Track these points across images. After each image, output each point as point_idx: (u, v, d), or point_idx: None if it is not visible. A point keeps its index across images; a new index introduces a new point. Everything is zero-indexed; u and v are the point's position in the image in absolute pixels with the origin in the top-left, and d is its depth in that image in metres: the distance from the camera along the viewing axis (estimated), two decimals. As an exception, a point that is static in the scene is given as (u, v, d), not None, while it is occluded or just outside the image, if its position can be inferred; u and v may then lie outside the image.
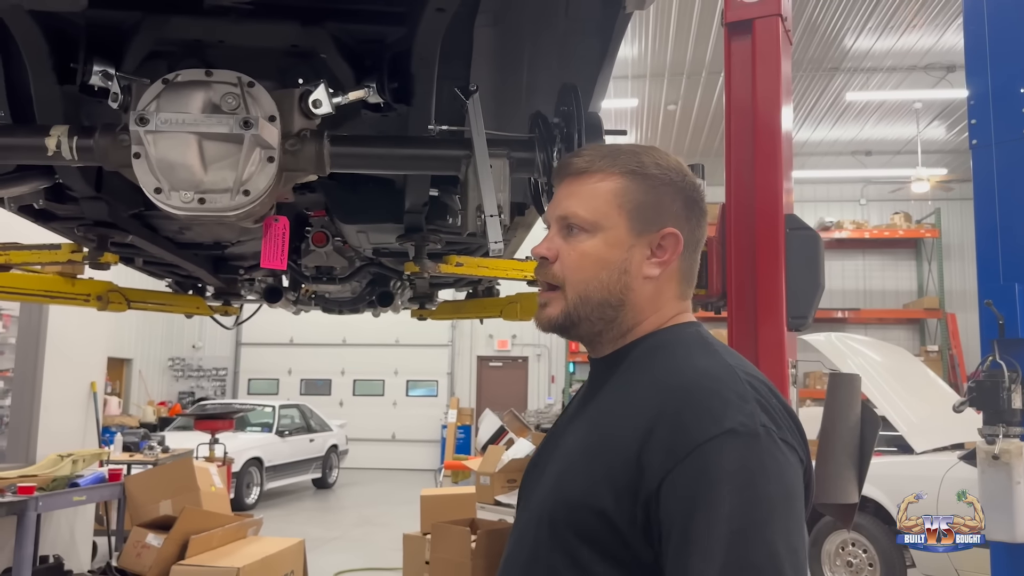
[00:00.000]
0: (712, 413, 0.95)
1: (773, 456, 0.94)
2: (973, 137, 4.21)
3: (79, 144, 1.66)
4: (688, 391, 0.99)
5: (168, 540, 5.00)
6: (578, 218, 1.12)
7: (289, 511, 11.15)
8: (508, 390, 16.38)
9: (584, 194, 1.12)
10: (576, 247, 1.11)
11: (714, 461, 0.92)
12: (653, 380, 1.04)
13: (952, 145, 13.99)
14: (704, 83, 11.56)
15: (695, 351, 1.08)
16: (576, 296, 1.11)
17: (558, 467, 1.08)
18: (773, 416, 0.97)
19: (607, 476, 0.98)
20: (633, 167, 1.12)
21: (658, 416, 0.97)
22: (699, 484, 0.92)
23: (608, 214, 1.11)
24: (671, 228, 1.11)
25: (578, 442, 1.07)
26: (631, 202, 1.11)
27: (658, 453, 0.95)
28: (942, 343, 15.25)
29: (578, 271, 1.11)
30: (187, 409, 14.90)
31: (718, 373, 1.01)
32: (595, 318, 1.12)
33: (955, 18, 9.50)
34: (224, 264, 3.36)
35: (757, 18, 2.82)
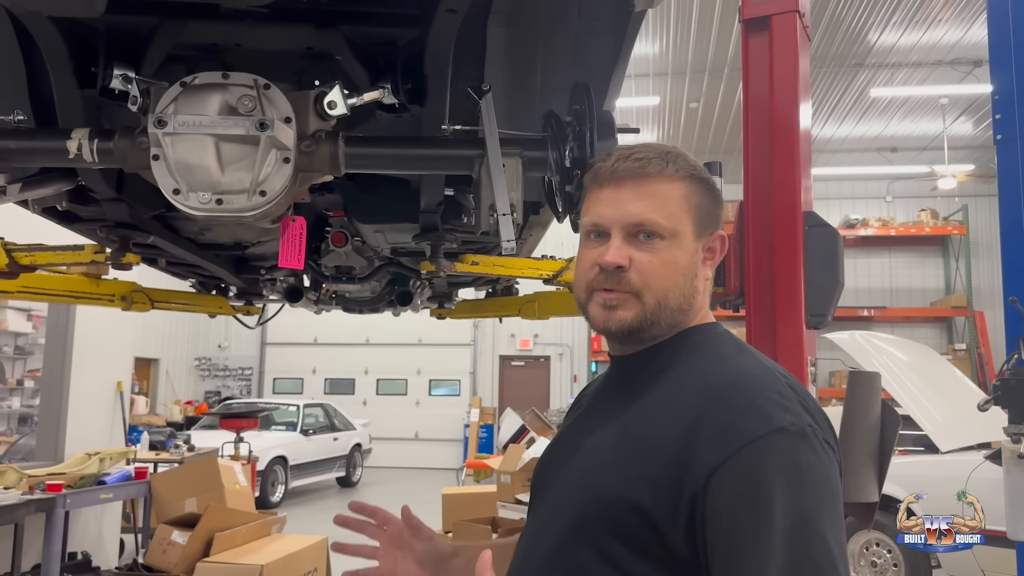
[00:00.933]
0: (761, 412, 0.96)
1: (818, 455, 0.95)
2: (998, 132, 4.15)
3: (99, 146, 1.69)
4: (734, 390, 0.99)
5: (193, 537, 5.07)
6: (656, 225, 1.09)
7: (313, 509, 11.23)
8: (530, 389, 16.38)
9: (656, 198, 1.10)
10: (657, 255, 1.09)
11: (765, 459, 0.92)
12: (692, 378, 1.05)
13: (980, 141, 13.80)
14: (726, 80, 11.50)
15: (731, 351, 1.08)
16: (655, 302, 1.09)
17: (585, 463, 1.08)
18: (814, 417, 0.98)
19: (645, 473, 0.98)
20: (690, 171, 1.13)
21: (702, 414, 0.98)
22: (750, 481, 0.92)
23: (681, 219, 1.10)
24: (721, 231, 1.15)
25: (609, 438, 1.07)
26: (694, 206, 1.12)
27: (705, 450, 0.95)
28: (970, 341, 15.05)
29: (662, 279, 1.09)
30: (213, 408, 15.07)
31: (760, 373, 1.02)
32: (666, 322, 1.11)
33: (981, 12, 9.36)
34: (245, 264, 3.40)
35: (774, 15, 2.81)
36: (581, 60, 2.14)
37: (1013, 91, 4.11)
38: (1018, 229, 4.07)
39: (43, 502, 4.91)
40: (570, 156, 1.75)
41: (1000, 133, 4.17)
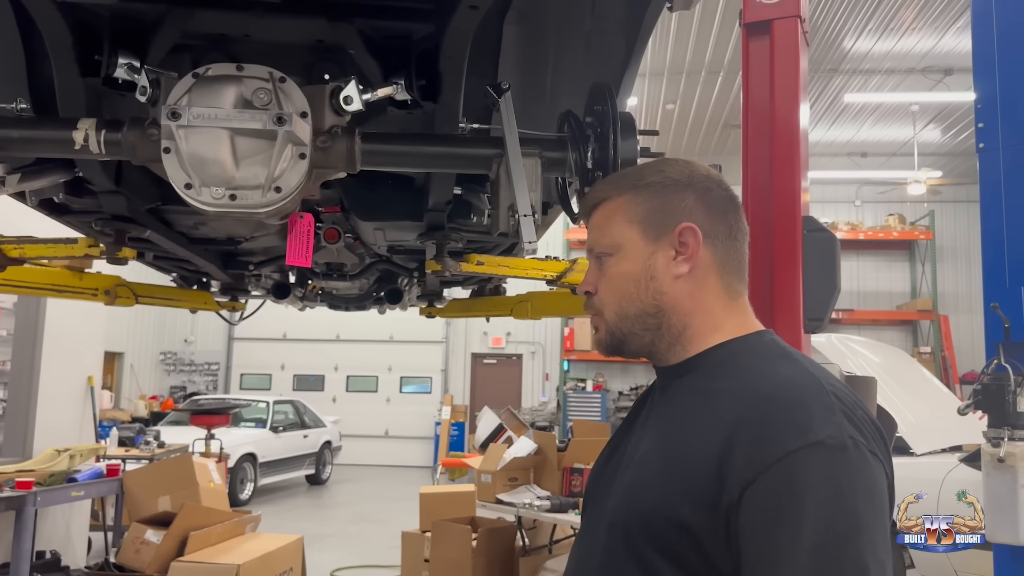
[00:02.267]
0: (798, 424, 0.94)
1: (860, 468, 0.93)
2: (980, 141, 4.21)
3: (107, 138, 1.64)
4: (771, 401, 0.97)
5: (167, 536, 4.97)
6: (600, 245, 1.19)
7: (283, 507, 11.11)
8: (502, 387, 16.36)
9: (600, 223, 1.19)
10: (606, 272, 1.18)
11: (800, 473, 0.91)
12: (733, 389, 1.03)
13: (947, 148, 14.04)
14: (703, 82, 11.57)
15: (776, 360, 1.07)
16: (614, 315, 1.16)
17: (631, 476, 1.07)
18: (859, 427, 0.96)
19: (685, 486, 0.97)
20: (634, 182, 1.17)
21: (739, 425, 0.96)
22: (784, 495, 0.90)
23: (621, 232, 1.16)
24: (686, 223, 1.12)
25: (651, 452, 1.06)
26: (638, 213, 1.15)
27: (740, 463, 0.94)
28: (935, 344, 15.32)
29: (611, 292, 1.16)
30: (179, 404, 14.85)
31: (802, 383, 1.00)
32: (639, 330, 1.15)
33: (954, 21, 9.53)
34: (233, 260, 3.34)
35: (776, 19, 2.81)
36: (592, 59, 2.12)
37: (996, 100, 4.17)
38: (999, 236, 4.13)
39: (13, 500, 4.79)
40: (592, 157, 1.73)
41: (983, 142, 4.23)
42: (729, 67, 11.07)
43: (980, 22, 4.27)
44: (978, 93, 4.26)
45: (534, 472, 5.28)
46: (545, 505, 4.82)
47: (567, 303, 3.18)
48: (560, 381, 15.89)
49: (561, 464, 5.08)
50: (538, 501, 4.86)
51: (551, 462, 5.14)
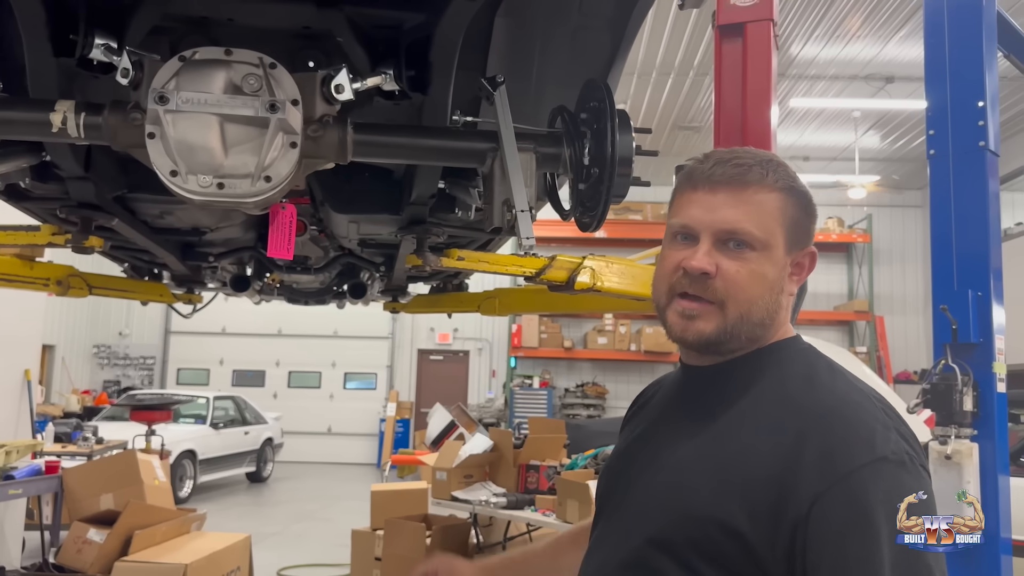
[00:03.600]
0: (864, 440, 0.96)
1: (919, 483, 0.96)
2: (931, 147, 4.33)
3: (86, 121, 1.56)
4: (833, 417, 0.98)
5: (111, 535, 4.82)
6: (749, 235, 1.07)
7: (223, 505, 10.88)
8: (448, 384, 16.28)
9: (751, 207, 1.08)
10: (746, 265, 1.07)
11: (870, 488, 0.93)
12: (784, 397, 1.03)
13: (886, 153, 14.45)
14: (654, 83, 11.68)
15: (821, 371, 1.07)
16: (738, 314, 1.07)
17: (670, 478, 1.05)
18: (910, 442, 0.99)
19: (741, 494, 0.96)
20: (789, 182, 1.11)
21: (801, 440, 0.97)
22: (855, 510, 0.92)
23: (774, 231, 1.08)
24: (812, 248, 1.13)
25: (695, 453, 1.05)
26: (789, 219, 1.09)
27: (807, 477, 0.94)
28: (870, 344, 15.77)
29: (746, 290, 1.07)
30: (113, 399, 14.42)
31: (857, 399, 1.01)
32: (746, 336, 1.08)
33: (898, 30, 9.80)
34: (192, 251, 3.24)
35: (749, 22, 2.84)
36: (578, 56, 2.11)
37: (947, 107, 4.29)
38: (948, 240, 4.25)
39: (-54, 498, 4.58)
40: (588, 155, 1.71)
41: (933, 148, 4.35)
42: (680, 69, 11.21)
43: (932, 30, 4.39)
44: (929, 100, 4.38)
45: (490, 469, 5.26)
46: (501, 502, 4.80)
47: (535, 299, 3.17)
48: (507, 378, 15.90)
49: (517, 461, 5.07)
50: (494, 498, 4.85)
51: (507, 459, 5.14)
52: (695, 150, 13.40)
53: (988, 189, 4.19)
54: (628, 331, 15.14)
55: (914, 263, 16.30)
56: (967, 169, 4.20)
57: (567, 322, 15.86)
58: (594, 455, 4.84)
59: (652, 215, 14.95)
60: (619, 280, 2.41)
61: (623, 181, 1.69)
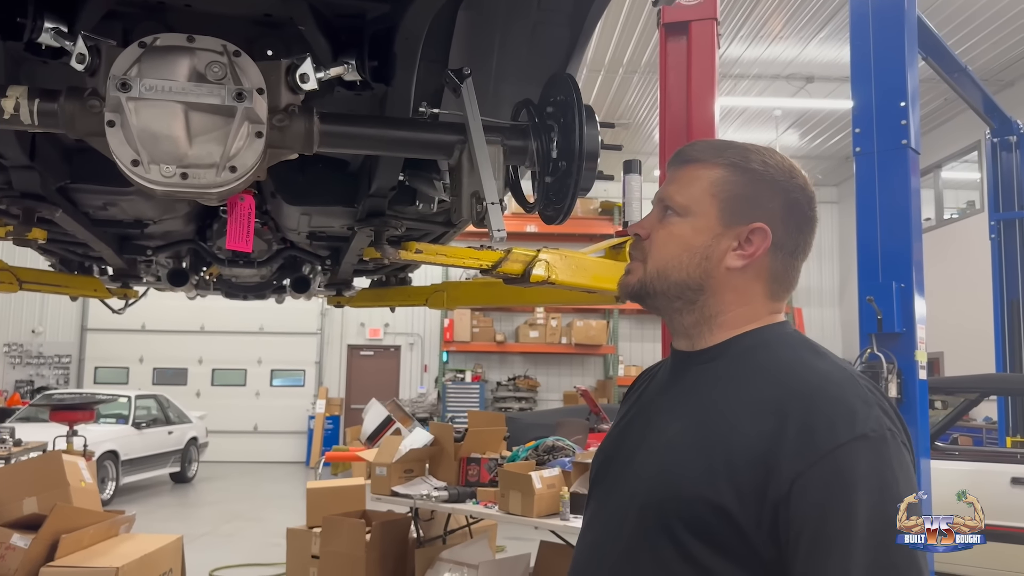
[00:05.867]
0: (844, 418, 0.97)
1: (900, 459, 0.98)
2: (857, 145, 4.50)
3: (41, 108, 1.50)
4: (815, 395, 1.01)
5: (36, 540, 4.61)
6: (672, 201, 1.17)
7: (148, 507, 10.55)
8: (379, 379, 16.11)
9: (684, 180, 1.18)
10: (666, 228, 1.17)
11: (849, 465, 0.95)
12: (769, 378, 1.06)
13: (805, 151, 14.93)
14: (602, 81, 11.79)
15: (804, 352, 1.10)
16: (654, 269, 1.16)
17: (660, 458, 1.07)
18: (892, 418, 1.01)
19: (728, 472, 0.99)
20: (736, 160, 1.15)
21: (784, 418, 0.99)
22: (834, 487, 0.94)
23: (700, 200, 1.15)
24: (761, 224, 1.13)
25: (683, 433, 1.07)
26: (725, 192, 1.14)
27: (789, 455, 0.96)
28: (791, 336, 16.29)
29: (662, 249, 1.16)
30: (27, 399, 13.82)
31: (839, 377, 1.04)
32: (672, 296, 1.16)
33: (818, 31, 10.13)
34: (129, 244, 3.14)
35: (694, 20, 2.91)
36: (537, 50, 2.13)
37: (872, 107, 4.46)
38: (873, 235, 4.43)
39: None
40: (556, 148, 1.73)
41: (859, 146, 4.53)
42: (610, 66, 11.35)
43: (857, 33, 4.56)
44: (855, 100, 4.55)
45: (430, 463, 5.24)
46: (443, 496, 4.79)
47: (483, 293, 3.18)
48: (439, 372, 15.85)
49: (458, 454, 5.07)
50: (435, 492, 4.83)
51: (448, 453, 5.12)
52: (627, 146, 13.51)
53: (911, 185, 4.38)
54: (559, 325, 15.28)
55: (830, 257, 16.90)
56: (891, 166, 4.38)
57: (499, 316, 15.89)
58: (535, 446, 4.87)
59: (583, 210, 15.11)
60: (572, 273, 2.44)
61: (590, 175, 1.71)
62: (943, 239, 12.81)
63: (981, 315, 8.38)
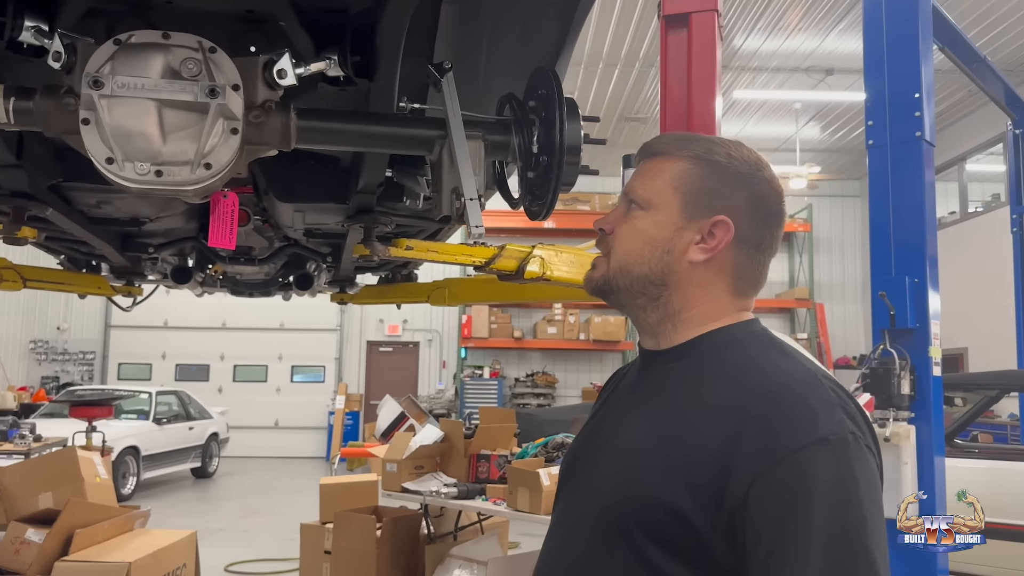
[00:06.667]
0: (804, 421, 0.94)
1: (861, 463, 0.94)
2: (869, 137, 4.43)
3: (16, 106, 1.50)
4: (776, 396, 0.97)
5: (51, 535, 4.67)
6: (636, 195, 1.15)
7: (168, 502, 10.67)
8: (398, 375, 16.18)
9: (648, 173, 1.16)
10: (629, 222, 1.15)
11: (808, 469, 0.91)
12: (732, 378, 1.02)
13: (826, 144, 14.77)
14: (601, 75, 11.74)
15: (770, 351, 1.07)
16: (617, 264, 1.14)
17: (622, 461, 1.05)
18: (856, 421, 0.97)
19: (686, 476, 0.96)
20: (700, 153, 1.13)
21: (744, 419, 0.96)
22: (792, 492, 0.91)
23: (663, 194, 1.13)
24: (723, 216, 1.10)
25: (645, 436, 1.04)
26: (688, 185, 1.12)
27: (746, 458, 0.93)
28: (811, 331, 16.12)
29: (624, 243, 1.14)
30: (52, 395, 14.01)
31: (803, 378, 1.00)
32: (635, 291, 1.13)
33: (837, 23, 10.00)
34: (131, 242, 3.16)
35: (694, 12, 2.87)
36: (527, 44, 2.10)
37: (884, 99, 4.39)
38: (886, 228, 4.36)
39: None
40: (536, 143, 1.71)
41: (872, 138, 4.46)
42: (626, 60, 11.27)
43: (870, 23, 4.48)
44: (868, 92, 4.47)
45: (440, 459, 5.24)
46: (452, 492, 4.79)
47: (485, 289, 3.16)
48: (457, 369, 15.87)
49: (468, 451, 5.06)
50: (445, 488, 4.82)
51: (458, 449, 5.12)
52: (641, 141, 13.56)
53: (924, 178, 4.30)
54: (577, 321, 15.24)
55: (852, 251, 16.71)
56: (904, 159, 4.31)
57: (517, 312, 15.88)
58: (544, 443, 4.85)
59: (600, 205, 15.04)
60: (568, 269, 2.41)
61: (572, 169, 1.69)
62: (968, 232, 12.61)
63: (1007, 309, 8.23)
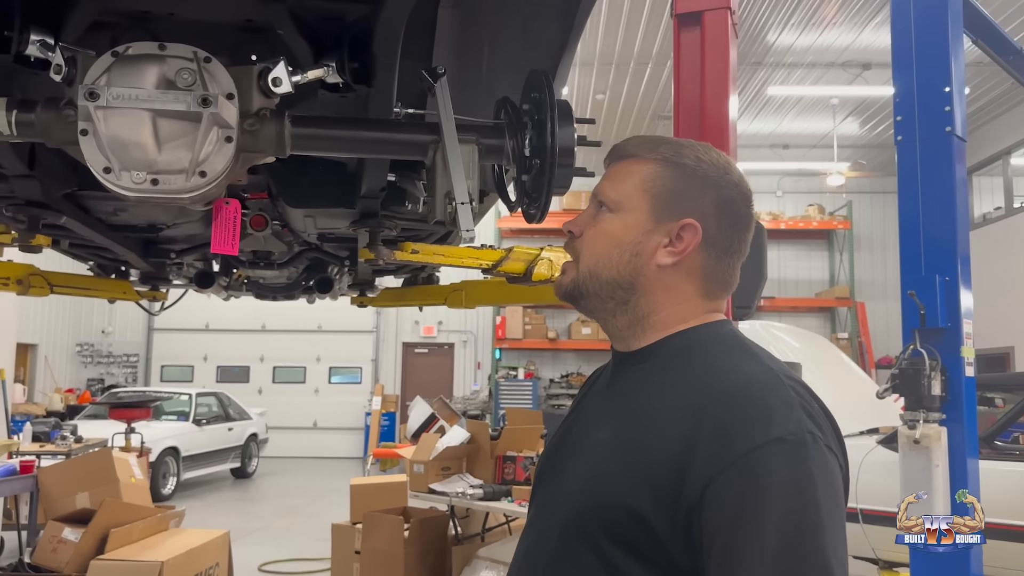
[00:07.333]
0: (760, 421, 0.93)
1: (820, 464, 0.93)
2: (898, 133, 4.34)
3: (19, 118, 1.54)
4: (734, 396, 0.97)
5: (87, 534, 4.79)
6: (605, 197, 1.15)
7: (208, 502, 10.86)
8: (434, 377, 16.28)
9: (617, 176, 1.15)
10: (597, 225, 1.14)
11: (762, 470, 0.90)
12: (694, 379, 1.02)
13: (865, 140, 14.51)
14: (632, 73, 11.68)
15: (735, 353, 1.06)
16: (586, 269, 1.13)
17: (588, 463, 1.05)
18: (817, 421, 0.96)
19: (647, 478, 0.95)
20: (669, 156, 1.13)
21: (702, 419, 0.95)
22: (746, 493, 0.90)
23: (632, 196, 1.12)
24: (690, 219, 1.09)
25: (610, 439, 1.04)
26: (657, 188, 1.11)
27: (703, 458, 0.92)
28: (852, 330, 15.86)
29: (592, 247, 1.13)
30: (97, 397, 14.34)
31: (763, 378, 0.99)
32: (604, 295, 1.13)
33: (873, 16, 9.83)
34: (154, 247, 3.22)
35: (707, 10, 2.84)
36: (529, 46, 2.10)
37: (913, 94, 4.30)
38: (915, 226, 4.27)
39: (-83, 500, 4.54)
40: (529, 145, 1.71)
41: (900, 134, 4.37)
42: (657, 58, 11.20)
43: (899, 17, 4.40)
44: (896, 87, 4.39)
45: (467, 461, 5.26)
46: (478, 493, 4.81)
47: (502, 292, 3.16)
48: (492, 370, 15.90)
49: (494, 452, 5.08)
50: (471, 490, 4.85)
51: (484, 450, 5.14)
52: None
53: (955, 174, 4.20)
54: (612, 321, 15.16)
55: (894, 249, 16.23)
56: (934, 155, 4.21)
57: (551, 313, 15.87)
58: (569, 445, 4.85)
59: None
60: (577, 271, 2.40)
61: (565, 172, 1.68)
62: (1014, 228, 12.30)
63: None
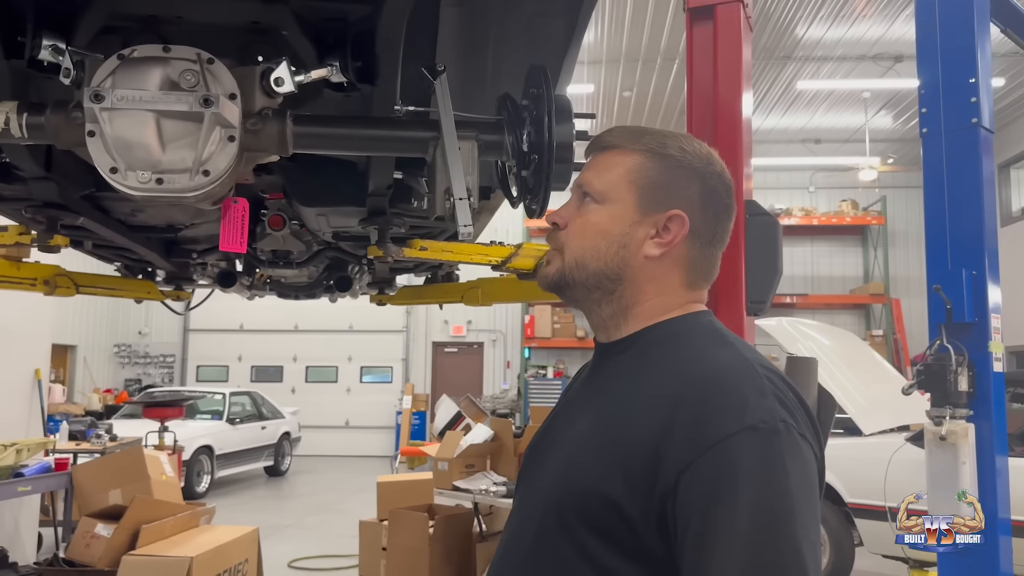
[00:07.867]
0: (732, 409, 0.94)
1: (792, 451, 0.93)
2: (923, 125, 4.28)
3: (29, 121, 1.59)
4: (708, 385, 0.97)
5: (118, 530, 4.89)
6: (590, 188, 1.14)
7: (241, 499, 11.01)
8: (463, 376, 16.35)
9: (601, 167, 1.15)
10: (583, 215, 1.14)
11: (735, 458, 0.91)
12: (669, 369, 1.03)
13: (899, 134, 14.29)
14: (659, 69, 11.62)
15: (711, 342, 1.07)
16: (572, 259, 1.13)
17: (566, 454, 1.06)
18: (791, 410, 0.96)
19: (621, 465, 0.96)
20: (653, 146, 1.13)
21: (676, 408, 0.96)
22: (719, 480, 0.90)
23: (618, 187, 1.12)
24: (678, 211, 1.10)
25: (588, 429, 1.05)
26: (643, 179, 1.12)
27: (676, 446, 0.93)
28: (887, 327, 15.63)
29: (578, 238, 1.13)
30: (134, 397, 14.61)
31: (737, 367, 1.00)
32: (591, 286, 1.13)
33: (904, 8, 9.68)
34: (176, 247, 3.28)
35: (719, 4, 2.83)
36: (534, 43, 2.11)
37: (939, 86, 4.24)
38: (941, 219, 4.20)
39: (-44, 496, 4.67)
40: (527, 140, 1.72)
41: (926, 126, 4.30)
42: (683, 55, 11.12)
43: (923, 8, 4.33)
44: (921, 79, 4.32)
45: (491, 458, 5.29)
46: (501, 491, 4.83)
47: (518, 289, 3.17)
48: (521, 369, 15.92)
49: (517, 450, 5.10)
50: (494, 487, 4.87)
51: (508, 448, 5.16)
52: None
53: (982, 167, 4.13)
54: (641, 319, 15.10)
55: (930, 244, 16.09)
56: (960, 146, 4.15)
57: (580, 312, 15.81)
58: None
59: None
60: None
61: (563, 167, 1.69)
62: (1052, 223, 12.04)
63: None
